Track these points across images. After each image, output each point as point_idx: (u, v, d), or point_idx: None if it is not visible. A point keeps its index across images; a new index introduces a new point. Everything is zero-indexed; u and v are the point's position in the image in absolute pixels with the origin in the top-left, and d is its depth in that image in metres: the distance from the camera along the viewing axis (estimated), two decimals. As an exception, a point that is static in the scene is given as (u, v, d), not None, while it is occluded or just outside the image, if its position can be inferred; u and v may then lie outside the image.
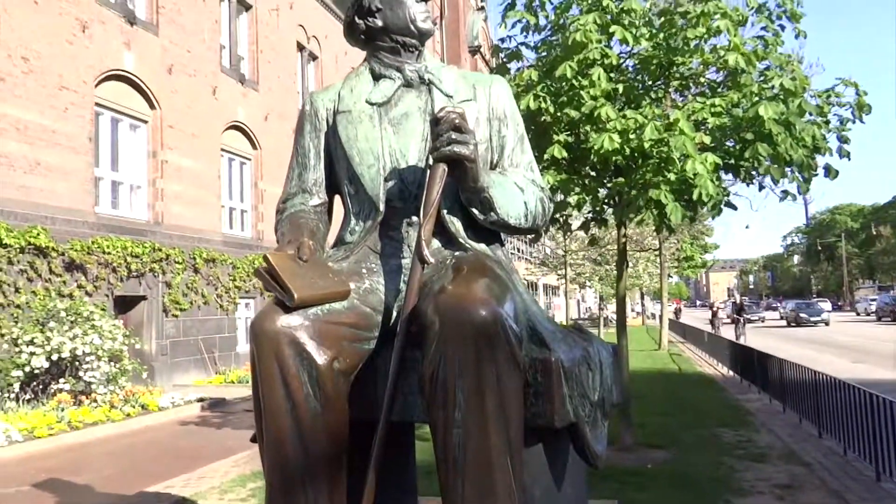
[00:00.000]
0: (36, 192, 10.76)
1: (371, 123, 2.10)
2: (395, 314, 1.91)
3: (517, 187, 2.06)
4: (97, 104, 12.17)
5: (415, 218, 2.02)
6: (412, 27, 2.15)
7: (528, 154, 2.23)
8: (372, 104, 2.13)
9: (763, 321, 44.81)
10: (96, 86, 12.10)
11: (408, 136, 2.09)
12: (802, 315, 36.83)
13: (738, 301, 28.70)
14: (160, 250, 13.06)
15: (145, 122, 13.44)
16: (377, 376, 1.87)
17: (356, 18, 2.20)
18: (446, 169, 1.86)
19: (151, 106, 13.48)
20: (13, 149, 10.43)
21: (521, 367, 1.64)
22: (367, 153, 2.08)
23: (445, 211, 1.99)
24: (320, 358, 1.69)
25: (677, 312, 47.90)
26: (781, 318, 43.21)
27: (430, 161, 1.90)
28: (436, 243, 1.99)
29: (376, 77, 2.18)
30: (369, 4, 2.16)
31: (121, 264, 12.08)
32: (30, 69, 10.77)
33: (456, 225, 2.02)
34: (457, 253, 1.97)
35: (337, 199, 2.28)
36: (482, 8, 43.96)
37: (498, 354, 1.58)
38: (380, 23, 2.16)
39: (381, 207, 2.03)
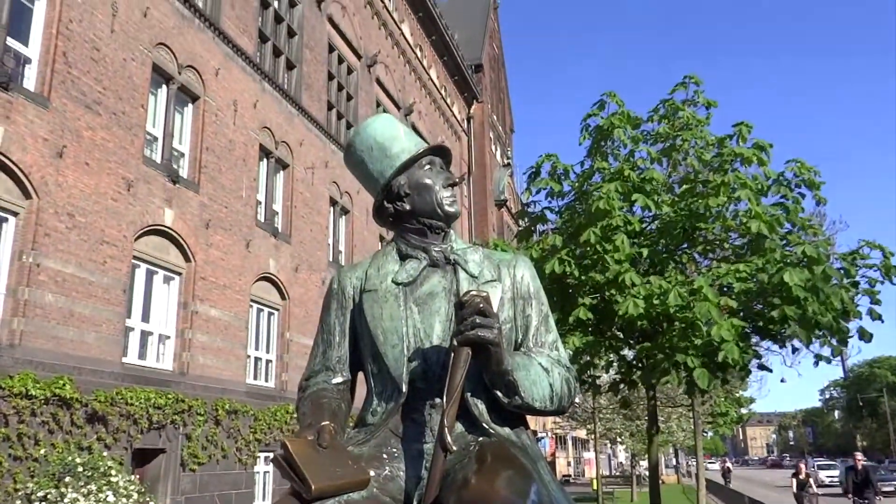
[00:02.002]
0: (67, 342, 10.91)
1: (396, 303, 2.12)
2: (415, 504, 1.84)
3: (542, 369, 2.03)
4: (135, 257, 12.60)
5: (438, 400, 1.99)
6: (439, 211, 2.22)
7: (552, 333, 2.23)
8: (398, 284, 2.16)
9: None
10: (135, 240, 12.59)
11: (432, 315, 2.10)
12: None
13: (858, 465, 16.64)
14: (183, 401, 12.97)
15: (179, 274, 13.82)
16: (396, 573, 1.76)
17: (385, 202, 2.28)
18: (470, 352, 1.85)
19: (186, 259, 13.92)
20: (50, 300, 10.71)
21: None
22: (391, 332, 2.08)
23: (469, 393, 1.97)
24: (337, 554, 1.62)
25: (726, 474, 39.85)
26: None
27: (454, 343, 1.90)
28: (459, 427, 1.95)
29: (403, 257, 2.23)
30: (398, 190, 2.24)
31: (142, 416, 11.97)
32: (74, 225, 11.28)
33: (479, 408, 1.99)
34: (480, 439, 1.92)
35: (360, 377, 2.26)
36: (508, 164, 45.88)
37: None
38: (408, 206, 2.24)
39: (404, 388, 2.01)
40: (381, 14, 26.11)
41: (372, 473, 1.83)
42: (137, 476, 11.56)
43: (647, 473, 21.99)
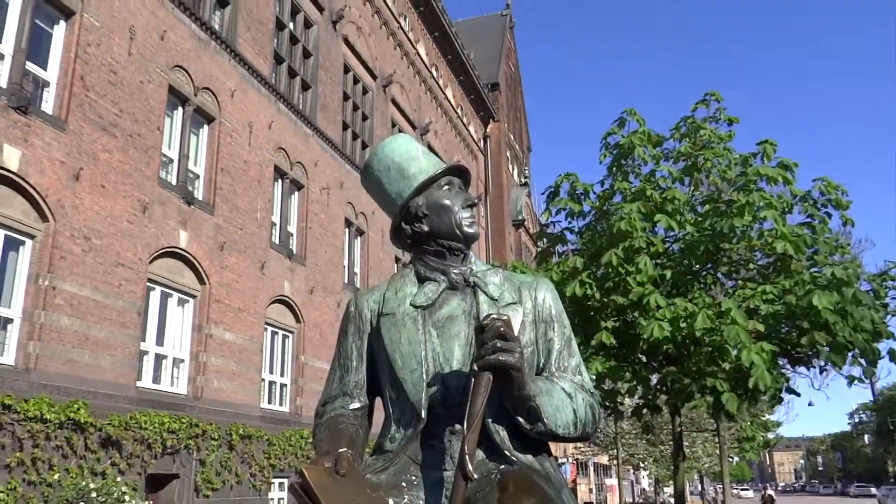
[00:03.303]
0: (81, 366, 10.98)
1: (415, 326, 2.11)
2: (435, 534, 1.81)
3: (565, 394, 2.01)
4: (149, 280, 12.70)
5: (458, 426, 1.97)
6: (458, 232, 2.22)
7: (575, 357, 2.20)
8: (416, 307, 2.15)
9: None
10: (150, 262, 12.70)
11: (452, 339, 2.08)
12: None
13: None
14: (197, 425, 12.98)
15: (194, 296, 13.91)
16: None
17: (403, 224, 2.28)
18: (491, 378, 1.83)
19: (201, 281, 14.01)
20: (65, 324, 10.81)
21: None
22: (409, 357, 2.07)
23: (490, 420, 1.95)
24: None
25: (769, 503, 36.17)
26: None
27: (475, 367, 1.88)
28: (479, 454, 1.93)
29: (421, 279, 2.22)
30: (416, 211, 2.24)
31: (156, 440, 11.99)
32: (90, 248, 11.41)
33: (501, 434, 1.96)
34: (502, 466, 1.90)
35: (378, 401, 2.25)
36: (525, 184, 45.93)
37: None
38: (426, 228, 2.23)
39: (423, 414, 1.99)
40: (397, 34, 26.38)
41: (391, 502, 1.81)
42: (151, 502, 11.56)
43: (671, 501, 21.62)
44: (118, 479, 10.89)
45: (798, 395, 5.92)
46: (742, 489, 74.42)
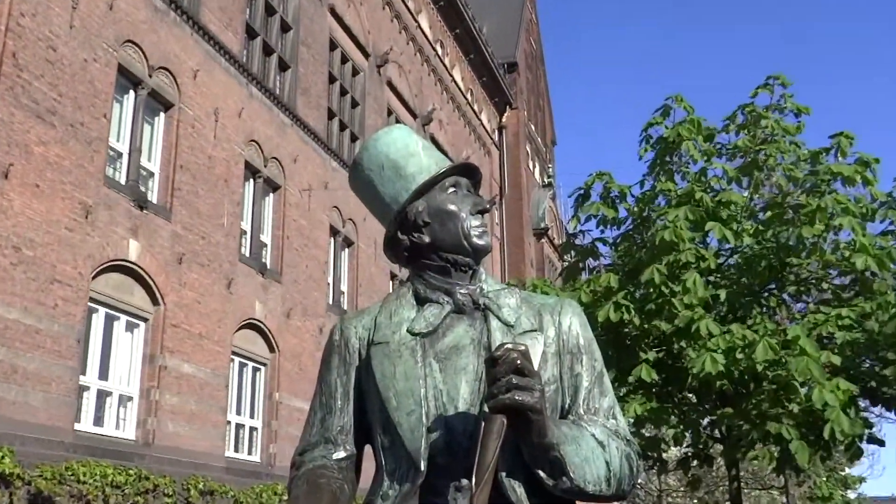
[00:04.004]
0: (7, 404, 11.00)
1: (413, 358, 2.11)
2: None
3: (596, 442, 2.00)
4: (91, 299, 12.75)
5: (464, 481, 1.96)
6: (466, 244, 2.22)
7: (608, 396, 2.20)
8: (415, 334, 2.15)
9: None
10: (93, 278, 12.75)
11: (457, 374, 2.08)
12: None
13: None
14: (147, 479, 12.97)
15: (145, 320, 13.95)
16: None
17: (399, 233, 2.27)
18: (505, 421, 1.83)
19: (154, 301, 14.06)
20: (-11, 352, 10.85)
21: None
22: (406, 395, 2.07)
23: (504, 473, 1.94)
24: None
25: None
26: None
27: (486, 408, 1.88)
28: (491, 515, 1.92)
29: (421, 301, 2.22)
30: (415, 218, 2.24)
31: (97, 496, 11.98)
32: (20, 260, 11.46)
33: (517, 492, 1.96)
34: (519, 532, 1.89)
35: (368, 449, 2.25)
36: (549, 184, 45.97)
37: None
38: (427, 238, 2.23)
39: (423, 466, 1.99)
40: (394, 3, 26.56)
41: (382, 574, 1.81)
42: (91, 571, 11.54)
43: (727, 574, 21.55)
44: (51, 542, 10.88)
45: (883, 444, 5.90)
46: None
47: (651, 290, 5.88)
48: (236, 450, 16.29)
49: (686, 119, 8.36)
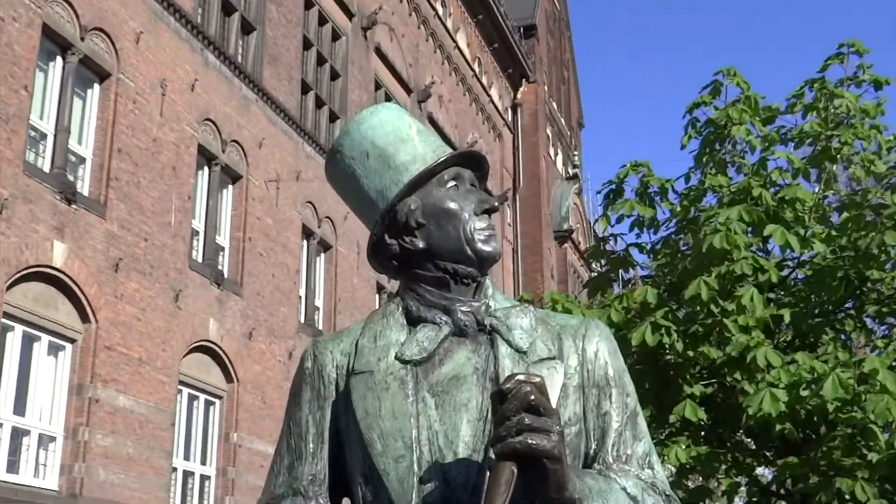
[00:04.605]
0: None
1: (403, 392, 2.11)
2: None
3: (627, 497, 2.01)
4: (6, 314, 12.74)
5: (465, 544, 1.97)
6: (468, 250, 2.21)
7: (643, 440, 2.20)
8: (405, 362, 2.15)
9: None
10: (8, 288, 12.74)
11: (457, 411, 2.09)
12: None
13: None
14: (74, 536, 12.97)
15: (72, 340, 13.95)
16: None
17: (387, 237, 2.28)
18: (515, 470, 1.83)
19: (84, 318, 14.05)
20: None
21: None
22: (394, 437, 2.07)
23: (513, 535, 1.95)
24: None
25: None
26: None
27: (492, 455, 1.89)
28: (498, 586, 1.92)
29: (413, 321, 2.22)
30: (407, 218, 2.24)
31: (12, 558, 11.98)
32: (-80, 264, 11.47)
33: (529, 558, 1.96)
34: None
35: (346, 502, 2.26)
36: (575, 176, 45.98)
37: None
38: (421, 244, 2.23)
39: (413, 525, 1.99)
40: (384, -49, 26.60)
41: None
42: None
43: None
44: None
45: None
46: None
47: (698, 308, 5.86)
48: (183, 503, 16.26)
49: (740, 97, 8.35)
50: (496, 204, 2.30)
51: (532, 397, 1.85)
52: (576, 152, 49.13)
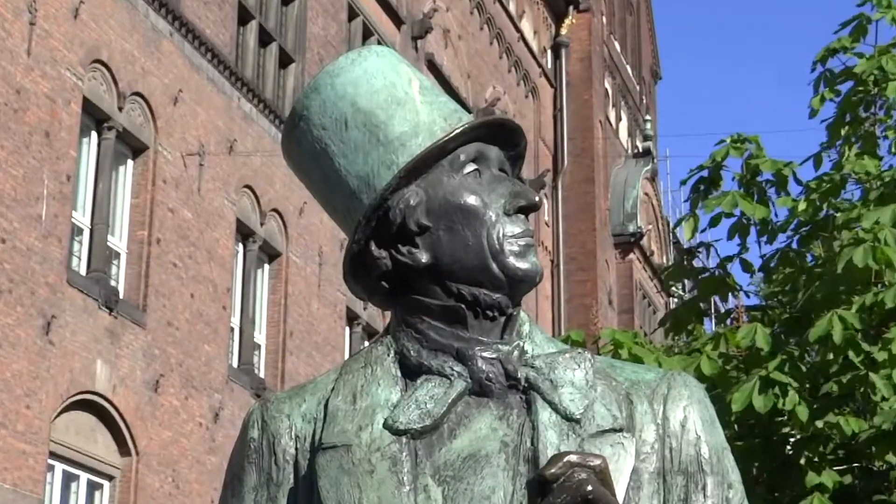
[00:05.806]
0: None
1: (395, 477, 2.12)
2: None
3: None
4: None
5: None
6: (495, 267, 2.21)
7: (750, 552, 2.23)
8: (399, 433, 2.17)
9: None
10: None
11: (476, 507, 2.11)
12: None
13: None
14: None
15: None
16: None
17: (373, 246, 2.28)
18: None
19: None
20: None
21: None
22: (382, 546, 2.10)
23: None
24: None
25: None
26: None
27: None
28: None
29: (411, 372, 2.23)
30: (404, 218, 2.24)
31: None
32: None
33: None
34: None
35: None
36: (647, 152, 45.86)
37: None
38: (424, 257, 2.22)
39: None
40: None
41: None
42: None
43: None
44: None
45: None
46: None
47: (830, 356, 5.86)
48: None
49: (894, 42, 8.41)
50: (535, 199, 2.29)
51: (588, 487, 1.88)
52: (648, 117, 48.98)
